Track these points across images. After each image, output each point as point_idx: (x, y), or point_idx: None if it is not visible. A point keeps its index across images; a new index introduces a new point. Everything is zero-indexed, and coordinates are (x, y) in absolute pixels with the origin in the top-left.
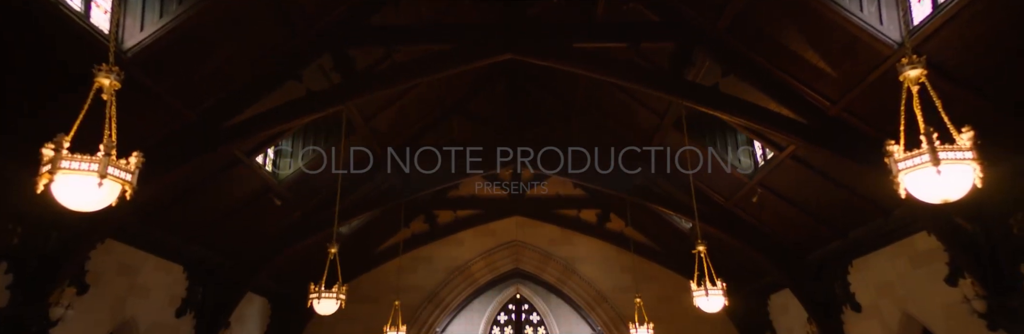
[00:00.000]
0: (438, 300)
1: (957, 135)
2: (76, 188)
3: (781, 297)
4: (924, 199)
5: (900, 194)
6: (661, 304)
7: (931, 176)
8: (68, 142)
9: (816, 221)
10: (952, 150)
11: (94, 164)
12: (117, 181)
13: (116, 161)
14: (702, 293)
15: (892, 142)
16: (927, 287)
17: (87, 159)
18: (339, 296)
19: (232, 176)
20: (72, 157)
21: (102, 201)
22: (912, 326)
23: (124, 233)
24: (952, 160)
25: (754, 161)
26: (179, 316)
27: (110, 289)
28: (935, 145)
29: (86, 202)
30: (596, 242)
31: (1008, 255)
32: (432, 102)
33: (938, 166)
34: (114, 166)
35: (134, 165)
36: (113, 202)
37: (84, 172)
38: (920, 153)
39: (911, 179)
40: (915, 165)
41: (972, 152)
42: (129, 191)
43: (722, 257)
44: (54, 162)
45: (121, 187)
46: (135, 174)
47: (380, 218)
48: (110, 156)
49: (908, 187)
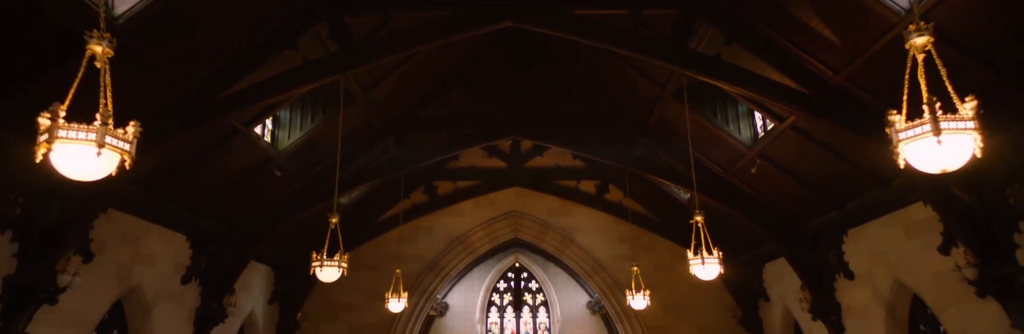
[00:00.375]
0: (438, 268)
1: (960, 105)
2: (75, 158)
3: (776, 266)
4: (923, 169)
5: (899, 164)
6: (658, 272)
7: (931, 146)
8: (64, 111)
9: (814, 192)
10: (954, 120)
11: (91, 133)
12: (115, 151)
13: (113, 130)
14: (698, 262)
15: (894, 112)
16: (920, 256)
17: (84, 128)
18: (341, 264)
19: (231, 147)
20: (69, 126)
21: (101, 171)
22: (903, 293)
23: (126, 203)
24: (953, 130)
25: (754, 132)
26: (184, 283)
27: (115, 257)
28: (937, 115)
29: (85, 172)
30: (595, 213)
31: (1002, 225)
32: (431, 72)
33: (939, 136)
34: (112, 135)
35: (132, 134)
36: (112, 172)
37: (82, 141)
38: (921, 123)
39: (911, 149)
40: (916, 135)
41: (974, 122)
42: (128, 161)
43: (719, 227)
44: (51, 131)
45: (120, 157)
46: (133, 144)
47: (380, 189)
48: (107, 125)
49: (908, 157)
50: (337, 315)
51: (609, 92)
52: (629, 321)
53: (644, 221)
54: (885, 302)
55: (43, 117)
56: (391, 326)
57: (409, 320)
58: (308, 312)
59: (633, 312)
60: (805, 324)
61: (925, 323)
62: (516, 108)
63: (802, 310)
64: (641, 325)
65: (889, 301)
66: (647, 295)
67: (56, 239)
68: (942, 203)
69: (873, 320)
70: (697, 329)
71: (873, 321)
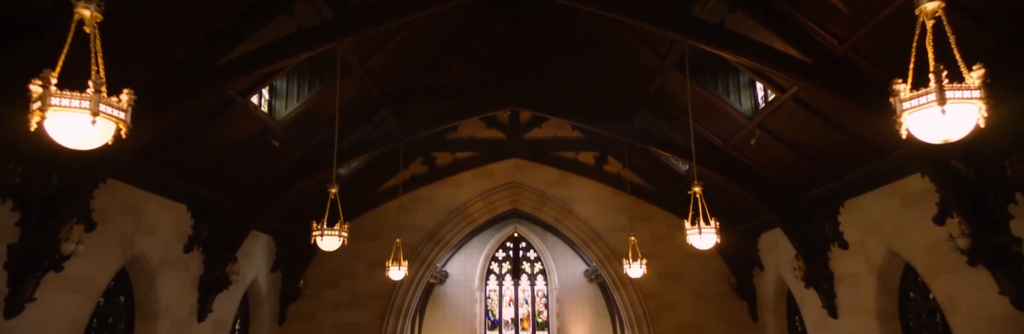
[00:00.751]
0: (438, 238)
1: (967, 73)
2: (69, 126)
3: (771, 235)
4: (925, 140)
5: (901, 135)
6: (655, 242)
7: (935, 116)
8: (55, 78)
9: (812, 163)
10: (959, 89)
11: (85, 101)
12: (111, 119)
13: (107, 98)
14: (695, 232)
15: (899, 80)
16: (915, 226)
17: (77, 96)
18: (341, 234)
19: (228, 117)
20: (61, 94)
21: (97, 139)
22: (895, 262)
23: (125, 173)
24: (958, 99)
25: (755, 103)
26: (187, 252)
27: (117, 227)
28: (943, 84)
29: (81, 140)
30: (593, 184)
31: (998, 195)
32: (428, 41)
33: (944, 105)
34: (106, 103)
35: (126, 103)
36: (109, 141)
37: (76, 109)
38: (926, 92)
39: (914, 119)
40: (920, 105)
41: (980, 91)
42: (124, 129)
43: (716, 198)
44: (44, 99)
45: (115, 125)
46: (128, 112)
47: (379, 160)
48: (100, 93)
49: (910, 127)
50: (338, 282)
51: (610, 62)
52: (625, 288)
53: (642, 192)
54: (877, 270)
55: (35, 84)
56: (392, 293)
57: (409, 287)
58: (310, 280)
59: (629, 280)
60: (798, 292)
61: (915, 290)
62: (515, 78)
63: (795, 278)
64: (637, 292)
65: (881, 269)
66: (644, 264)
67: (57, 208)
68: (940, 174)
69: (864, 287)
70: (692, 296)
71: (864, 288)
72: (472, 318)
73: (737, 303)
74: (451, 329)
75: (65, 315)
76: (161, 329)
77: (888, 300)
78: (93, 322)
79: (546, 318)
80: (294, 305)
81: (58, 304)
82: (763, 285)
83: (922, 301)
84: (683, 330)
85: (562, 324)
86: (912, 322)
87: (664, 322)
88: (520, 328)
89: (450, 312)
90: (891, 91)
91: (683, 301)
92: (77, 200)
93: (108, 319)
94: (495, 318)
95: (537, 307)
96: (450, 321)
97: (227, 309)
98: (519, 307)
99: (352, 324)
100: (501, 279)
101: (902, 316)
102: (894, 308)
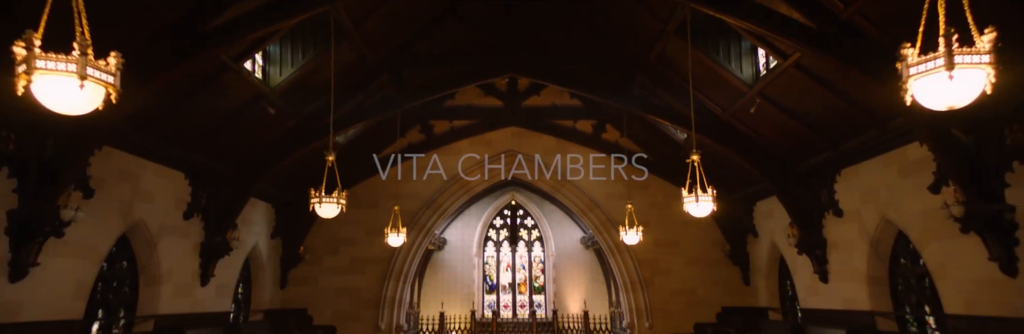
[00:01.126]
0: (436, 206)
1: (978, 37)
2: (57, 90)
3: (767, 204)
4: (930, 106)
5: (905, 101)
6: (651, 210)
7: (942, 82)
8: (39, 40)
9: (811, 132)
10: (969, 53)
11: (71, 64)
12: (99, 83)
13: (94, 61)
14: (692, 199)
15: (908, 45)
16: (910, 194)
17: (63, 59)
18: (339, 201)
19: (222, 83)
20: (46, 57)
21: (86, 104)
22: (889, 229)
23: (121, 140)
24: (967, 64)
25: (756, 70)
26: (187, 219)
27: (115, 194)
28: (953, 48)
29: (70, 105)
30: (591, 152)
31: (996, 164)
32: (424, 4)
33: (952, 71)
34: (93, 67)
35: (114, 66)
36: (99, 106)
37: (62, 73)
38: (935, 57)
39: (920, 85)
40: (928, 70)
41: (990, 56)
42: (114, 94)
43: (714, 166)
44: (28, 62)
45: (104, 90)
46: (117, 76)
47: (376, 127)
48: (86, 55)
49: (915, 94)
50: (338, 249)
51: (610, 28)
52: (621, 255)
53: (640, 160)
54: (870, 237)
55: (18, 46)
56: (391, 259)
57: (408, 253)
58: (310, 246)
59: (625, 247)
60: (790, 258)
61: (906, 257)
62: (513, 44)
63: (789, 245)
64: (633, 259)
65: (874, 237)
66: (640, 231)
67: (54, 175)
68: (939, 143)
69: (856, 254)
70: (686, 262)
71: (856, 254)
72: (470, 283)
73: (730, 269)
74: (450, 293)
75: (70, 279)
76: (165, 292)
77: (879, 266)
78: (98, 286)
79: (543, 283)
80: (295, 270)
81: (62, 269)
82: (756, 251)
83: (912, 267)
84: (676, 294)
85: (558, 288)
86: (900, 287)
87: (658, 286)
88: (517, 292)
89: (449, 277)
90: (898, 56)
91: (677, 267)
92: (73, 167)
93: (112, 283)
94: (493, 283)
95: (534, 272)
96: (449, 285)
97: (229, 274)
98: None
99: (353, 288)
100: (499, 246)
101: (891, 281)
102: (884, 273)
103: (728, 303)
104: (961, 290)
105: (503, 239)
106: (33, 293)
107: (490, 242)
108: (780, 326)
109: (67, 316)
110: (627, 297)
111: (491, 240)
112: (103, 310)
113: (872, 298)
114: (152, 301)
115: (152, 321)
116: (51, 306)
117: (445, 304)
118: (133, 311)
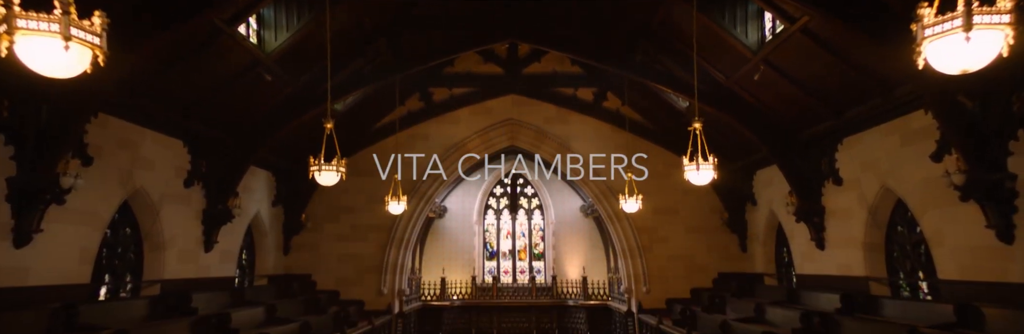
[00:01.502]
0: (436, 174)
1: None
2: (41, 51)
3: (767, 172)
4: (943, 70)
5: (917, 65)
6: (650, 179)
7: (958, 43)
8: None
9: (814, 100)
10: (988, 13)
11: (54, 24)
12: (85, 45)
13: (78, 21)
14: (693, 167)
15: (925, 4)
16: (912, 163)
17: (45, 18)
18: (339, 169)
19: (216, 49)
20: (27, 15)
21: (73, 66)
22: (888, 197)
23: (117, 107)
24: (985, 25)
25: (761, 36)
26: (187, 186)
27: (114, 161)
28: (972, 6)
29: (56, 67)
30: (591, 121)
31: (1001, 132)
32: None
33: (969, 32)
34: (77, 27)
35: (99, 27)
36: (87, 69)
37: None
38: (952, 17)
39: (934, 47)
40: (944, 31)
41: (1011, 15)
42: (101, 56)
43: (715, 134)
44: (9, 21)
45: (91, 51)
46: (103, 37)
47: (375, 95)
48: (69, 15)
49: (929, 57)
50: (339, 216)
51: None
52: (620, 222)
53: (640, 129)
54: (868, 205)
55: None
56: (392, 226)
57: (409, 221)
58: (312, 214)
59: (624, 215)
60: (788, 225)
61: (903, 224)
62: (513, 8)
63: (787, 213)
64: (632, 226)
65: (873, 205)
66: (639, 199)
67: (51, 142)
68: (944, 110)
69: (854, 221)
70: (684, 229)
71: (854, 222)
72: (471, 249)
73: (728, 236)
74: (451, 259)
75: (74, 245)
76: (169, 258)
77: (876, 233)
78: (103, 251)
79: (542, 250)
80: (298, 237)
81: (66, 235)
82: (754, 219)
83: (909, 234)
84: (674, 260)
85: (558, 255)
86: (896, 253)
87: (656, 253)
88: (517, 258)
89: (449, 244)
90: (913, 16)
91: (676, 234)
92: (70, 134)
93: (117, 249)
94: (493, 249)
95: (534, 240)
96: (450, 252)
97: (232, 240)
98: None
99: (355, 255)
100: (499, 214)
101: (887, 248)
102: (880, 241)
103: (725, 269)
104: (956, 256)
105: (503, 207)
106: (39, 258)
107: (490, 210)
108: (775, 290)
109: (74, 280)
110: (625, 263)
111: (491, 208)
112: (110, 275)
113: (867, 264)
114: (157, 266)
115: (158, 285)
116: (57, 271)
117: (446, 270)
118: (139, 276)
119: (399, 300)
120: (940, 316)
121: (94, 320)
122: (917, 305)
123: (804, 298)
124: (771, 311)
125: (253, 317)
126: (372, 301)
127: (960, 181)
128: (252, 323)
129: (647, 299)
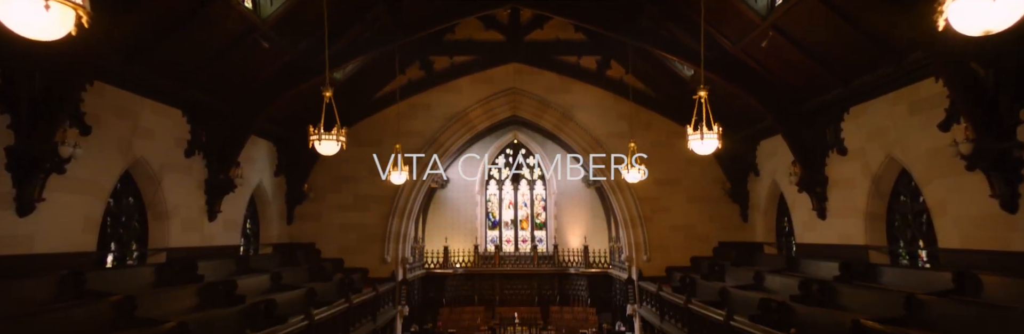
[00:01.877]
0: (438, 144)
1: None
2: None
3: (771, 142)
4: (965, 31)
5: (938, 26)
6: (654, 148)
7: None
8: None
9: (822, 67)
10: None
11: None
12: (66, 4)
13: None
14: (698, 137)
15: None
16: (919, 132)
17: None
18: (339, 138)
19: (211, 15)
20: None
21: (55, 27)
22: (892, 167)
23: (113, 76)
24: None
25: (771, 0)
26: (188, 156)
27: (113, 131)
28: None
29: (36, 28)
30: (594, 90)
31: (1012, 100)
32: None
33: None
34: None
35: None
36: (72, 30)
37: None
38: None
39: (958, 6)
40: None
41: None
42: (85, 17)
43: (719, 103)
44: None
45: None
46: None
47: (375, 64)
48: None
49: (951, 17)
50: (342, 186)
51: None
52: (621, 193)
53: (644, 99)
54: (872, 175)
55: None
56: (394, 196)
57: (411, 191)
58: (314, 184)
59: (626, 185)
60: (790, 196)
61: (906, 194)
62: None
63: (790, 183)
64: (633, 196)
65: (877, 174)
66: (642, 170)
67: (46, 110)
68: (955, 78)
69: (857, 191)
70: (686, 199)
71: (857, 192)
72: (473, 219)
73: (730, 206)
74: (454, 229)
75: (78, 213)
76: (174, 227)
77: (878, 203)
78: (107, 220)
79: (544, 219)
80: (301, 207)
81: (69, 204)
82: (756, 189)
83: (911, 204)
84: (675, 230)
85: (559, 224)
86: (897, 223)
87: (657, 223)
88: (519, 228)
89: (452, 214)
90: None
91: (677, 204)
92: (66, 102)
93: (121, 218)
94: (495, 219)
95: (536, 210)
96: (452, 222)
97: (236, 210)
98: (518, 209)
99: (358, 224)
100: (501, 184)
101: (888, 217)
102: (882, 210)
103: (726, 238)
104: (958, 226)
105: (505, 178)
106: (43, 227)
107: (492, 180)
108: (775, 258)
109: (80, 248)
110: (627, 233)
111: (494, 179)
112: (115, 243)
113: (868, 233)
114: (162, 235)
115: (164, 253)
116: (63, 239)
117: (449, 239)
118: (145, 244)
119: (402, 268)
120: (938, 283)
121: (102, 287)
122: (916, 273)
123: (803, 266)
124: (770, 279)
125: (259, 284)
126: (376, 269)
127: (967, 150)
128: (258, 290)
129: (647, 267)
